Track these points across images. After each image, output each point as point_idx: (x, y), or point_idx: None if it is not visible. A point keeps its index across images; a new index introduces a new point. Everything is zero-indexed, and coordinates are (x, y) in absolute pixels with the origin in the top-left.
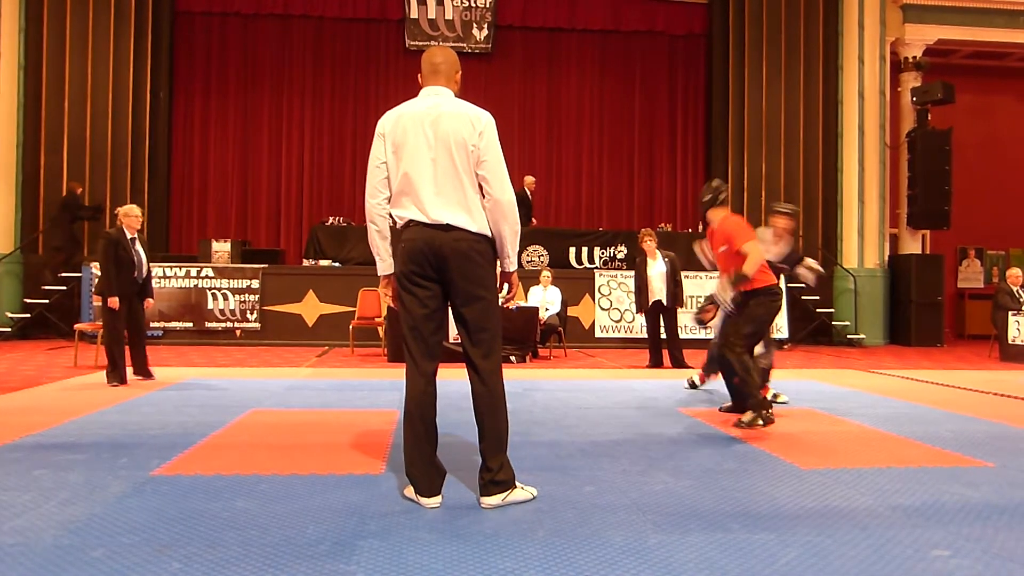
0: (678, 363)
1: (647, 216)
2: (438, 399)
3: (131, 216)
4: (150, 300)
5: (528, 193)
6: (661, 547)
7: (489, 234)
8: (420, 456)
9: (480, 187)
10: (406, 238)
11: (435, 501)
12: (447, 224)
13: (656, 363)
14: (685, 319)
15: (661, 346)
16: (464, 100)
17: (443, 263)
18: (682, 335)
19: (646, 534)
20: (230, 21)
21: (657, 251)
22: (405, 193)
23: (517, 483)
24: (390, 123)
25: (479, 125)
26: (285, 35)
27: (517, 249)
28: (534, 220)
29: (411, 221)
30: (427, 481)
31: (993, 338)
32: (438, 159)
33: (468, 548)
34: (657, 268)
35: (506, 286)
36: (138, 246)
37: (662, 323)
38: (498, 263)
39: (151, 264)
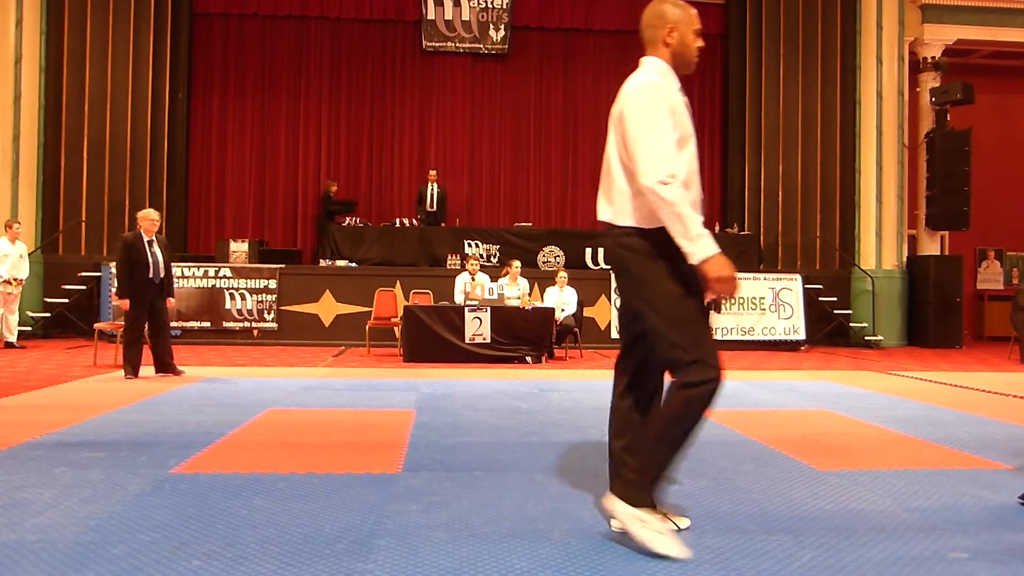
0: None
1: None
2: (456, 399)
3: (147, 220)
4: (171, 300)
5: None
6: None
7: (645, 226)
8: (613, 475)
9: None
10: None
11: (617, 523)
12: (604, 221)
13: None
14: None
15: None
16: (647, 68)
17: (610, 265)
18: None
19: None
20: (247, 23)
21: None
22: None
23: (649, 516)
24: None
25: (621, 101)
26: (302, 36)
27: (693, 232)
28: None
29: None
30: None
31: (1012, 340)
32: (610, 148)
33: (484, 547)
34: None
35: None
36: (155, 248)
37: None
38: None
39: (173, 265)
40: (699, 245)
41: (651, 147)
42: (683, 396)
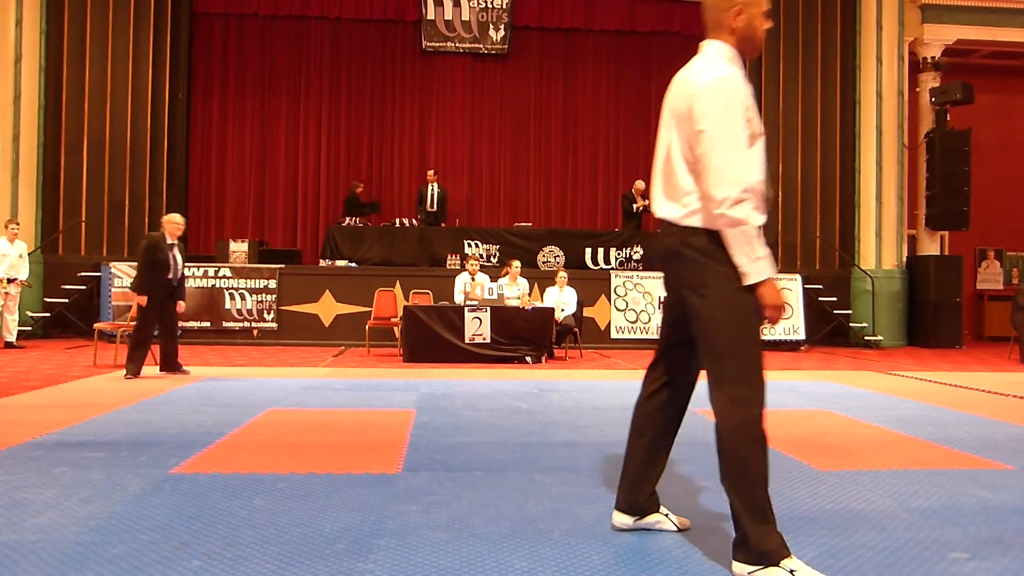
0: None
1: None
2: (456, 399)
3: (172, 223)
4: (181, 303)
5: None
6: (677, 548)
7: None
8: (625, 471)
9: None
10: None
11: (619, 518)
12: (662, 218)
13: None
14: None
15: None
16: (713, 55)
17: (660, 265)
18: None
19: (662, 535)
20: (248, 23)
21: None
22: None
23: (789, 563)
24: None
25: (691, 96)
26: (302, 36)
27: (756, 254)
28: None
29: None
30: (620, 495)
31: (1012, 340)
32: (669, 139)
33: (484, 548)
34: None
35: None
36: (176, 251)
37: None
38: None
39: (185, 268)
40: (758, 266)
41: (727, 159)
42: (735, 418)
